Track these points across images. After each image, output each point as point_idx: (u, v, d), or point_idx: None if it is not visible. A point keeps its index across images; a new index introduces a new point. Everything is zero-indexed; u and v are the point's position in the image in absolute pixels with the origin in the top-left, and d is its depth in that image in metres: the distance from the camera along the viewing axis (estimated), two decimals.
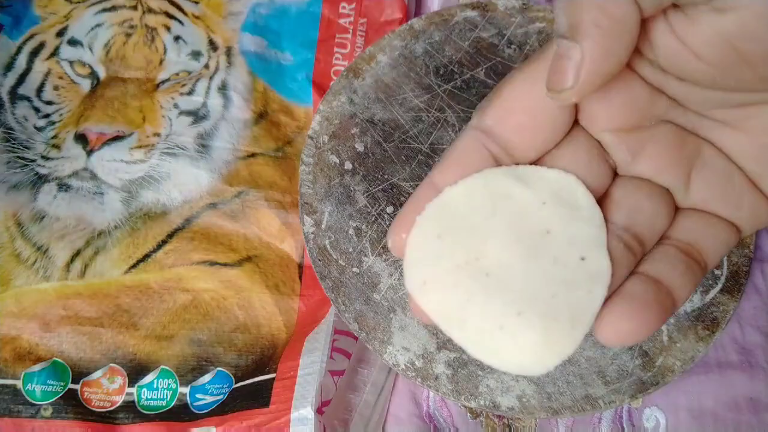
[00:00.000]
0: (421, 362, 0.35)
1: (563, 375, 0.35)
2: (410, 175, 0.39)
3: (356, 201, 0.38)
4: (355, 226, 0.37)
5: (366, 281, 0.36)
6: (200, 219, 0.40)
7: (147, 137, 0.41)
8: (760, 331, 0.39)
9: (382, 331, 0.35)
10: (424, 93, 0.41)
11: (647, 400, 0.38)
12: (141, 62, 0.44)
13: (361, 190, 0.38)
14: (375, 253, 0.37)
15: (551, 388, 0.35)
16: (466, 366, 0.35)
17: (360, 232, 0.37)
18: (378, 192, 0.38)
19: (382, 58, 0.41)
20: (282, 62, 0.45)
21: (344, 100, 0.40)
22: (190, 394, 0.36)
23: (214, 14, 0.46)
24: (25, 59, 0.44)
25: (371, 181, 0.38)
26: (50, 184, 0.40)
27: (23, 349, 0.36)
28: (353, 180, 0.38)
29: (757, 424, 0.37)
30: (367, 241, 0.37)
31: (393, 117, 0.40)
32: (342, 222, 0.37)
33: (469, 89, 0.41)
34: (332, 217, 0.37)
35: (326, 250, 0.37)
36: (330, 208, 0.37)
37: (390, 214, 0.38)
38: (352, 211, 0.38)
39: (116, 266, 0.38)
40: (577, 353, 0.36)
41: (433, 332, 0.35)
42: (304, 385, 0.34)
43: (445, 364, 0.35)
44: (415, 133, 0.40)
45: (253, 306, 0.38)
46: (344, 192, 0.38)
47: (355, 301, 0.36)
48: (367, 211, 0.38)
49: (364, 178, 0.38)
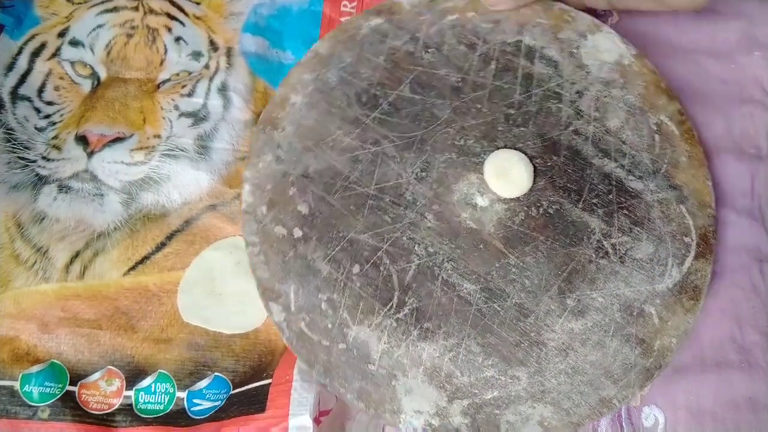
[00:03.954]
0: (437, 420, 0.34)
1: (575, 387, 0.35)
2: (365, 225, 0.36)
3: (318, 270, 0.35)
4: (326, 298, 0.35)
5: (357, 355, 0.34)
6: (200, 221, 0.40)
7: (147, 139, 0.41)
8: (759, 331, 0.39)
9: (389, 402, 0.34)
10: (352, 128, 0.38)
11: (646, 398, 0.38)
12: (142, 63, 0.43)
13: (320, 256, 0.35)
14: (356, 322, 0.35)
15: (567, 403, 0.35)
16: (482, 409, 0.34)
17: (333, 303, 0.35)
18: (338, 254, 0.36)
19: (296, 99, 0.38)
20: (283, 61, 0.45)
21: (270, 159, 0.37)
22: (187, 398, 0.36)
23: (215, 14, 0.46)
24: (27, 59, 0.44)
25: (327, 244, 0.36)
26: (51, 186, 0.40)
27: (21, 350, 0.36)
28: (308, 248, 0.36)
29: (756, 423, 0.37)
30: (344, 310, 0.35)
31: (328, 164, 0.37)
32: (311, 298, 0.35)
33: (398, 111, 0.38)
34: (299, 296, 0.35)
35: (304, 334, 0.34)
36: (293, 286, 0.35)
37: (358, 273, 0.35)
38: (317, 282, 0.35)
39: (115, 268, 0.38)
40: (581, 360, 0.35)
41: (440, 386, 0.34)
42: (300, 391, 0.34)
43: (462, 413, 0.34)
44: (356, 176, 0.37)
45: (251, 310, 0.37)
46: (303, 264, 0.35)
47: (352, 380, 0.34)
48: (333, 278, 0.35)
49: (318, 242, 0.36)
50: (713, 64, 0.45)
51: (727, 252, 0.40)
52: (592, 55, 0.40)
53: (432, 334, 0.35)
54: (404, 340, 0.35)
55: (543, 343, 0.36)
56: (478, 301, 0.36)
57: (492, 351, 0.35)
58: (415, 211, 0.37)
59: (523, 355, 0.35)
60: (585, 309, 0.36)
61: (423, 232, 0.37)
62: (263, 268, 0.35)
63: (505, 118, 0.39)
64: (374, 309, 0.35)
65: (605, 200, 0.37)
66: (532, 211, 0.37)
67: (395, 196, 0.37)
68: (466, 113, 0.38)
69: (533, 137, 0.38)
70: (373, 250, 0.36)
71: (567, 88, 0.39)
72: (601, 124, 0.39)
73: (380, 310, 0.35)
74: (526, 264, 0.37)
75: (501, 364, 0.35)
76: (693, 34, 0.46)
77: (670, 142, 0.39)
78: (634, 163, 0.38)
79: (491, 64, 0.39)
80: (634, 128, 0.39)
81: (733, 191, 0.41)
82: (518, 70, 0.39)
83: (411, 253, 0.36)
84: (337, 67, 0.39)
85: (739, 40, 0.45)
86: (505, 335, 0.36)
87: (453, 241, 0.37)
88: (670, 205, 0.38)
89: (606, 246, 0.37)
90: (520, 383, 0.35)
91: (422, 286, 0.36)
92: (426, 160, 0.38)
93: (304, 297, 0.35)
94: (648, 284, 0.37)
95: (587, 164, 0.38)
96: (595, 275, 0.36)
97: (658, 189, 0.38)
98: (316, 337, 0.35)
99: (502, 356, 0.35)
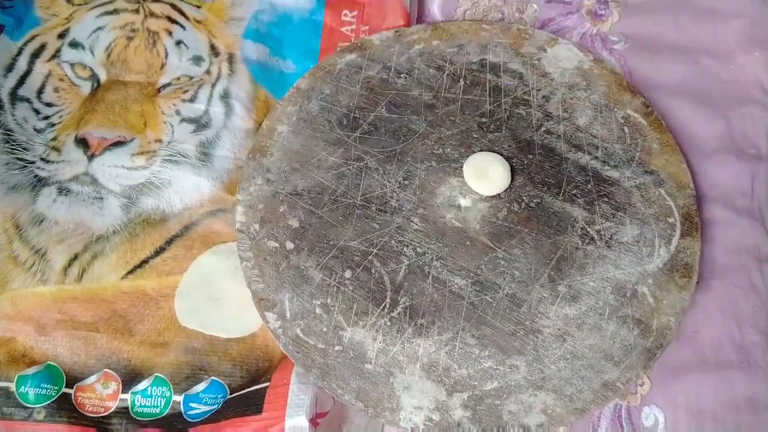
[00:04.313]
0: (437, 415, 0.34)
1: (575, 372, 0.34)
2: (354, 233, 0.38)
3: (311, 278, 0.37)
4: (320, 303, 0.36)
5: (353, 355, 0.35)
6: (199, 226, 0.40)
7: (148, 143, 0.41)
8: (759, 331, 0.38)
9: (387, 399, 0.34)
10: (336, 148, 0.40)
11: (646, 398, 0.37)
12: (142, 66, 0.44)
13: (312, 265, 0.37)
14: (351, 323, 0.36)
15: (569, 389, 0.34)
16: (483, 401, 0.34)
17: (327, 307, 0.36)
18: (329, 261, 0.37)
19: (282, 129, 0.41)
20: (284, 71, 0.45)
21: (260, 182, 0.39)
22: (183, 402, 0.36)
23: (215, 19, 0.46)
24: (26, 60, 0.44)
25: (319, 253, 0.37)
26: (50, 188, 0.40)
27: (18, 352, 0.36)
28: (300, 258, 0.37)
29: (756, 423, 0.36)
30: (338, 313, 0.36)
31: (316, 182, 0.39)
32: (305, 305, 0.36)
33: (378, 130, 0.41)
34: (293, 303, 0.36)
35: (300, 339, 0.35)
36: (288, 295, 0.36)
37: (350, 278, 0.36)
38: (311, 289, 0.36)
39: (113, 271, 0.38)
40: (579, 345, 0.35)
41: (438, 380, 0.34)
42: (297, 393, 0.34)
43: (462, 406, 0.34)
44: (343, 189, 0.39)
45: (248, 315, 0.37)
46: (296, 273, 0.37)
47: (349, 380, 0.34)
48: (326, 284, 0.36)
49: (310, 252, 0.37)
50: (713, 64, 0.45)
51: (727, 252, 0.40)
52: (554, 64, 0.43)
53: (427, 330, 0.35)
54: (399, 338, 0.35)
55: (538, 331, 0.35)
56: (469, 294, 0.36)
57: (488, 342, 0.35)
58: (402, 216, 0.38)
59: (520, 344, 0.35)
60: (577, 294, 0.36)
61: (410, 234, 0.38)
62: (257, 281, 0.37)
63: (479, 125, 0.41)
64: (368, 310, 0.36)
65: (584, 190, 0.39)
66: (514, 207, 0.38)
67: (381, 204, 0.39)
68: (441, 125, 0.41)
69: (507, 140, 0.40)
70: (364, 254, 0.37)
71: (534, 95, 0.42)
72: (571, 122, 0.41)
73: (374, 310, 0.36)
74: (514, 256, 0.37)
75: (498, 354, 0.35)
76: (693, 34, 0.46)
77: (639, 132, 0.41)
78: (608, 154, 0.40)
79: (460, 81, 0.43)
80: (602, 123, 0.41)
81: (733, 191, 0.41)
82: (486, 84, 0.43)
83: (400, 255, 0.37)
84: (318, 98, 0.42)
85: (739, 41, 0.45)
86: (499, 325, 0.35)
87: (440, 240, 0.38)
88: (649, 189, 0.39)
89: (591, 232, 0.38)
90: (519, 372, 0.34)
91: (414, 285, 0.36)
92: (408, 170, 0.40)
93: (299, 304, 0.36)
94: (637, 265, 0.37)
95: (562, 159, 0.40)
96: (584, 261, 0.37)
97: (634, 175, 0.39)
98: (311, 341, 0.35)
99: (498, 346, 0.35)
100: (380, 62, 0.44)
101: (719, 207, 0.41)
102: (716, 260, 0.40)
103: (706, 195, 0.41)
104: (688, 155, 0.41)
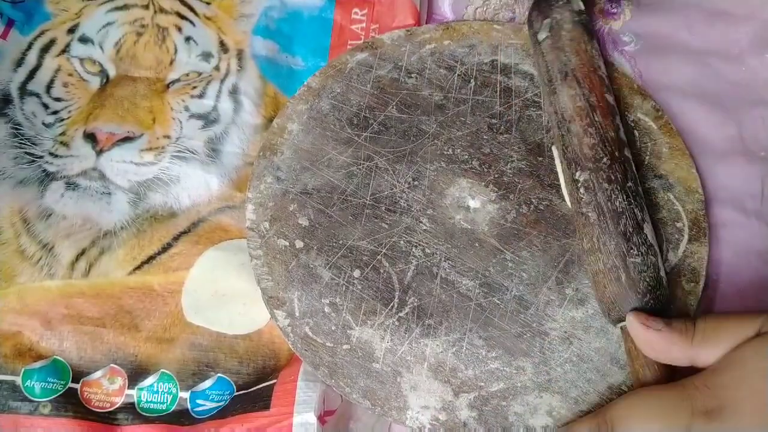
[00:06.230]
0: (444, 415, 0.34)
1: (581, 374, 0.34)
2: (363, 232, 0.38)
3: (320, 277, 0.37)
4: (329, 302, 0.36)
5: (361, 354, 0.35)
6: (207, 223, 0.40)
7: (157, 139, 0.41)
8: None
9: (395, 398, 0.34)
10: (346, 147, 0.40)
11: None
12: (151, 62, 0.44)
13: (321, 264, 0.37)
14: (359, 323, 0.36)
15: (575, 391, 0.34)
16: (489, 402, 0.34)
17: (336, 306, 0.36)
18: (339, 260, 0.37)
19: (293, 127, 0.41)
20: (293, 67, 0.45)
21: (270, 180, 0.39)
22: (190, 399, 0.36)
23: (225, 15, 0.46)
24: (36, 55, 0.44)
25: (328, 252, 0.37)
26: (58, 182, 0.40)
27: (24, 346, 0.36)
28: (309, 257, 0.37)
29: None
30: (347, 312, 0.36)
31: (325, 181, 0.39)
32: (314, 303, 0.36)
33: (388, 129, 0.41)
34: (302, 302, 0.36)
35: (309, 337, 0.35)
36: (297, 293, 0.36)
37: (359, 277, 0.37)
38: (320, 288, 0.36)
39: (121, 267, 0.38)
40: (585, 348, 0.35)
41: (445, 380, 0.34)
42: (305, 390, 0.34)
43: (468, 407, 0.34)
44: (352, 189, 0.39)
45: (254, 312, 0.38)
46: (305, 272, 0.37)
47: (357, 379, 0.34)
48: (335, 283, 0.36)
49: (319, 251, 0.37)
50: (724, 66, 0.45)
51: (736, 254, 0.40)
52: None
53: (434, 330, 0.35)
54: (407, 338, 0.35)
55: (545, 333, 0.35)
56: (477, 296, 0.36)
57: (495, 343, 0.35)
58: (411, 216, 0.38)
59: (527, 346, 0.35)
60: (584, 297, 0.36)
61: (419, 235, 0.38)
62: (267, 279, 0.37)
63: (489, 127, 0.41)
64: (376, 309, 0.36)
65: None
66: (522, 209, 0.38)
67: (390, 204, 0.39)
68: (452, 126, 0.41)
69: (518, 142, 0.40)
70: (373, 254, 0.37)
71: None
72: None
73: (382, 310, 0.36)
74: (522, 258, 0.37)
75: (505, 355, 0.35)
76: (704, 36, 0.46)
77: (649, 136, 0.41)
78: None
79: (471, 82, 0.43)
80: None
81: (743, 194, 0.41)
82: (497, 85, 0.42)
83: (409, 255, 0.37)
84: (329, 96, 0.42)
85: (750, 42, 0.45)
86: (506, 327, 0.36)
87: (449, 241, 0.38)
88: (657, 194, 0.39)
89: None
90: (525, 374, 0.35)
91: (422, 285, 0.36)
92: (417, 170, 0.40)
93: (308, 302, 0.36)
94: None
95: None
96: None
97: (643, 179, 0.39)
98: (320, 339, 0.35)
99: (505, 348, 0.35)
100: (391, 61, 0.43)
101: (729, 209, 0.41)
102: (725, 262, 0.39)
103: (716, 197, 0.41)
104: (698, 157, 0.41)
